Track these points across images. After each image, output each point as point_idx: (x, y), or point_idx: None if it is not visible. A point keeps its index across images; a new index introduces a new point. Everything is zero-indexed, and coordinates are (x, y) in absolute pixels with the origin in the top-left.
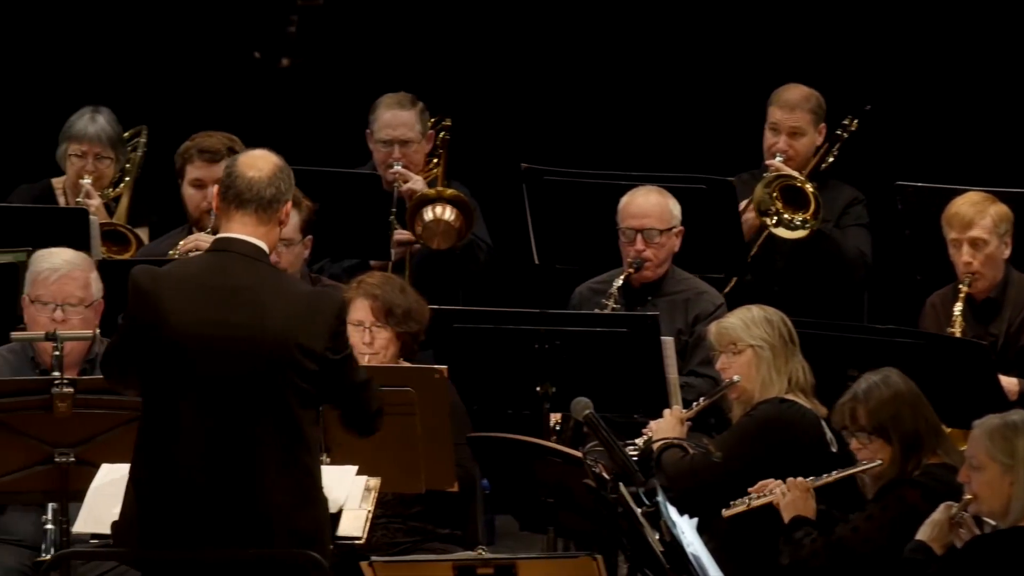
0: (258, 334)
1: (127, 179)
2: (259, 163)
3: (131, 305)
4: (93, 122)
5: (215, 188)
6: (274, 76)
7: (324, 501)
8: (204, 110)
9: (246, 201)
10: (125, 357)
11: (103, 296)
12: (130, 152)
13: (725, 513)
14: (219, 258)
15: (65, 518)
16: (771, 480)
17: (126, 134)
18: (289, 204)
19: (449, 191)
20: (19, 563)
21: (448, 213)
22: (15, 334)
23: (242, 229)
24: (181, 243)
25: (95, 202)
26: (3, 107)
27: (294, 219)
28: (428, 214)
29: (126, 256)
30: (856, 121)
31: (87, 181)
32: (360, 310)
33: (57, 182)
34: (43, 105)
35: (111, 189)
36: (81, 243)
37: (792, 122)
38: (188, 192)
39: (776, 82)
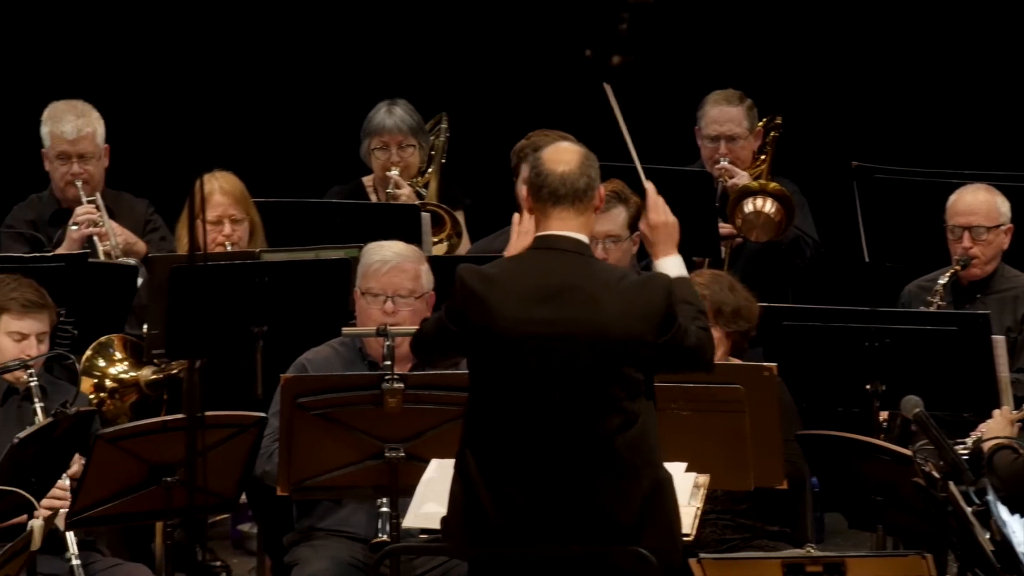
0: (590, 329)
1: (433, 165)
2: (565, 156)
3: (459, 304)
4: (391, 114)
5: (524, 188)
6: (605, 74)
7: (670, 500)
8: (537, 108)
9: (562, 196)
10: (437, 347)
11: (433, 289)
12: (433, 139)
13: None
14: (544, 256)
15: (395, 513)
16: None
17: (427, 124)
18: (602, 188)
19: (772, 184)
20: (351, 556)
21: (768, 206)
22: (346, 329)
23: (561, 225)
24: None
25: (405, 191)
26: (311, 111)
27: (622, 216)
28: (748, 206)
29: (442, 236)
30: None
31: (395, 172)
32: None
33: (367, 180)
34: (350, 106)
35: (419, 177)
36: (413, 238)
37: None
38: (523, 190)
39: None
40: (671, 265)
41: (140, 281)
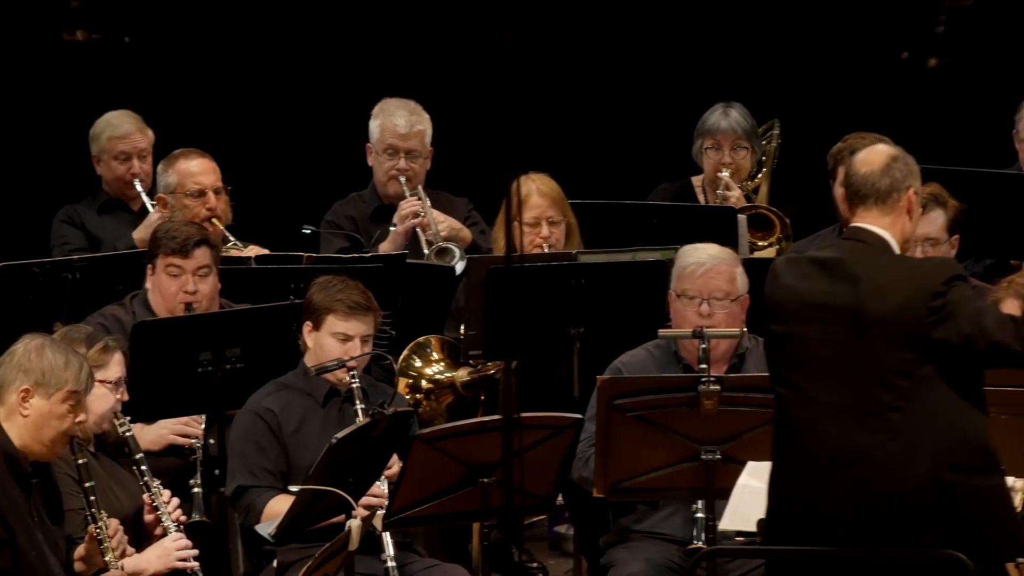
0: (850, 302)
1: (764, 170)
2: (871, 157)
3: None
4: (726, 116)
5: (840, 189)
6: (921, 76)
7: (971, 506)
8: (853, 110)
9: (864, 196)
10: None
11: (748, 292)
12: (765, 144)
13: None
14: (841, 242)
15: (712, 515)
16: None
17: (760, 129)
18: (912, 191)
19: None
20: (666, 558)
21: None
22: (662, 331)
23: (869, 222)
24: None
25: (735, 193)
26: (644, 113)
27: (940, 219)
28: None
29: (770, 240)
30: None
31: (725, 174)
32: (1009, 308)
33: (696, 180)
34: (681, 106)
35: (749, 181)
36: (729, 241)
37: None
38: (839, 192)
39: None
40: None
41: (460, 266)
